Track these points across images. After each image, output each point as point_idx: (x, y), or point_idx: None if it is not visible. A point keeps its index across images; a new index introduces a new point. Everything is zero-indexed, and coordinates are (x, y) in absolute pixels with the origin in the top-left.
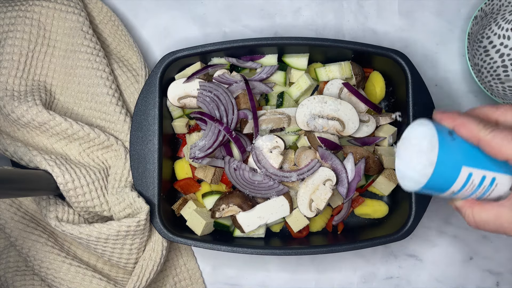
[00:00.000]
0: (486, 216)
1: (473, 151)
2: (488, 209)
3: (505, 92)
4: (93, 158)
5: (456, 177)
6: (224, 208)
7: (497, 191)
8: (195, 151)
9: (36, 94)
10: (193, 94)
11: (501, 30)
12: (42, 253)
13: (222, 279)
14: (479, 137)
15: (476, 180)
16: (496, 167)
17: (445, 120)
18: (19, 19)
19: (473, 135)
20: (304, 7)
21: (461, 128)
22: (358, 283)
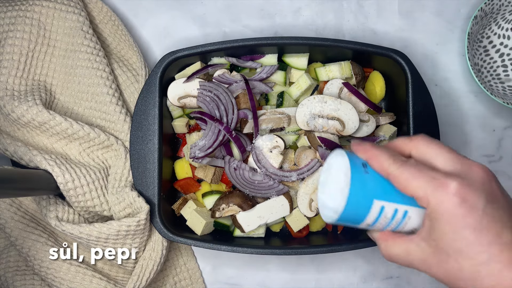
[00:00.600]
0: (397, 250)
1: (385, 184)
2: (399, 243)
3: (505, 91)
4: (93, 157)
5: (368, 210)
6: (224, 208)
7: (411, 224)
8: (195, 150)
9: (36, 93)
10: (193, 93)
11: (501, 30)
12: (42, 252)
13: (222, 279)
14: (388, 172)
15: (389, 214)
16: (408, 200)
17: (359, 152)
18: (19, 18)
19: (383, 169)
20: (304, 7)
21: (373, 161)
22: (358, 283)
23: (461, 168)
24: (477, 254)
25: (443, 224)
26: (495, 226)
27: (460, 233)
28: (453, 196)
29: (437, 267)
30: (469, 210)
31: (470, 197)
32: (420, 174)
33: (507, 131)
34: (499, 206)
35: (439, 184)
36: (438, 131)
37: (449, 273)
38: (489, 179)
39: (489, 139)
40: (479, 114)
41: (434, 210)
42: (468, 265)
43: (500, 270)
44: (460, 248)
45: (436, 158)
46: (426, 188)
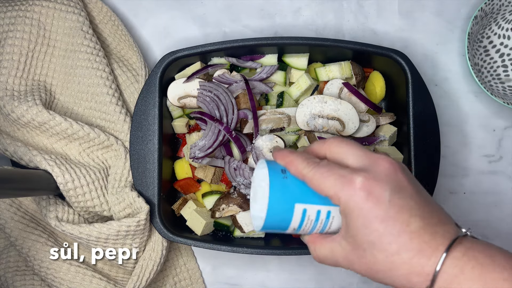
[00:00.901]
0: (323, 252)
1: (304, 187)
2: (325, 244)
3: (505, 92)
4: (93, 158)
5: (291, 215)
6: (224, 208)
7: (336, 224)
8: (195, 151)
9: (36, 94)
10: (193, 94)
11: (501, 30)
12: (42, 253)
13: (222, 279)
14: (303, 174)
15: (312, 216)
16: (328, 201)
17: (278, 159)
18: (19, 19)
19: (299, 173)
20: (304, 7)
21: (290, 166)
22: (358, 283)
23: (368, 163)
24: (388, 245)
25: (354, 219)
26: (403, 216)
27: (371, 226)
28: (360, 190)
29: (358, 263)
30: (376, 202)
31: (375, 190)
32: (329, 173)
33: (507, 131)
34: (406, 195)
35: (347, 180)
36: (438, 131)
37: (368, 267)
38: (394, 170)
39: (489, 139)
40: (479, 114)
41: (345, 206)
42: (382, 256)
43: (411, 258)
44: (373, 241)
45: (346, 156)
46: (335, 186)
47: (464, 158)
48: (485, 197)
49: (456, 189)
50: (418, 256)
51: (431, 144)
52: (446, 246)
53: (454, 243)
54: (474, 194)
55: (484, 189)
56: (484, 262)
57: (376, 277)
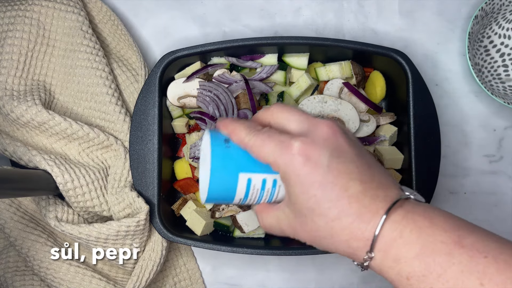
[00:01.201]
0: (270, 220)
1: (248, 156)
2: (271, 213)
3: (506, 91)
4: (92, 158)
5: (235, 184)
6: (224, 208)
7: (283, 192)
8: (195, 151)
9: (36, 93)
10: (193, 93)
11: (502, 29)
12: (42, 253)
13: (222, 279)
14: (244, 142)
15: (258, 185)
16: (271, 169)
17: (221, 127)
18: (18, 18)
19: (240, 141)
20: (304, 7)
21: (233, 135)
22: (358, 283)
23: (308, 127)
24: (327, 210)
25: (293, 185)
26: (341, 180)
27: (309, 192)
28: (297, 155)
29: (301, 230)
30: (314, 167)
31: (313, 154)
32: (269, 139)
33: (508, 131)
34: (346, 159)
35: (285, 146)
36: (438, 131)
37: (310, 234)
38: (333, 134)
39: (489, 139)
40: (480, 114)
41: (284, 173)
42: (322, 223)
43: (351, 223)
44: (312, 207)
45: (288, 122)
46: (274, 153)
47: (465, 158)
48: (486, 197)
49: (457, 189)
50: (358, 221)
51: (432, 144)
52: (385, 210)
53: (394, 207)
54: (475, 194)
55: (484, 189)
56: (423, 225)
57: (320, 245)
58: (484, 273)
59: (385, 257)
